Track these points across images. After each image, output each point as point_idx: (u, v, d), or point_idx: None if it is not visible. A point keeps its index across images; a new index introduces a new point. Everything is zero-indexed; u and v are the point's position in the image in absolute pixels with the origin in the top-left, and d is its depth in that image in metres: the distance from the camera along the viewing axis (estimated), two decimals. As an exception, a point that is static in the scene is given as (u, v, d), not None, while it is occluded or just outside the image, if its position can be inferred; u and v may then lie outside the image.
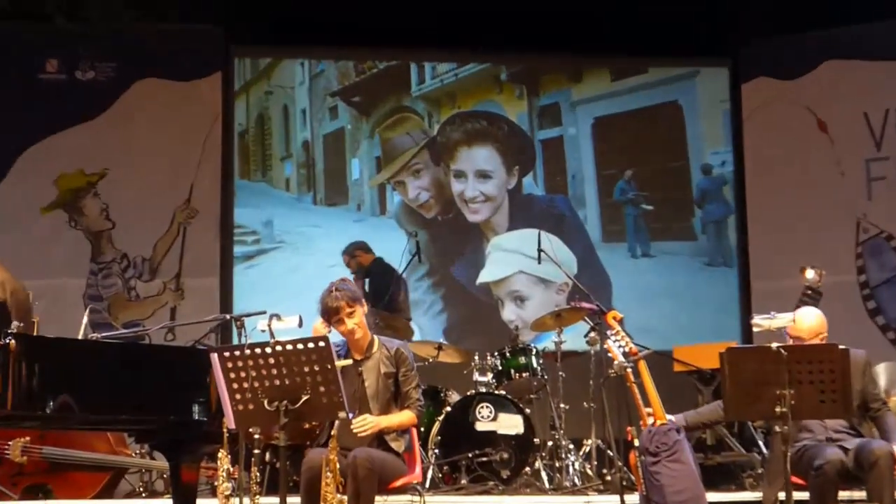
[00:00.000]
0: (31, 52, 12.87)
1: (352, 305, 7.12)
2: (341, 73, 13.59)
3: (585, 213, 13.33)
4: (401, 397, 7.24)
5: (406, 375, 7.27)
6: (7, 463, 9.06)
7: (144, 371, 7.08)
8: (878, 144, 12.82)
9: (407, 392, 7.25)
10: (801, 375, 6.75)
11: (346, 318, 7.11)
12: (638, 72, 13.63)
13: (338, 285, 7.22)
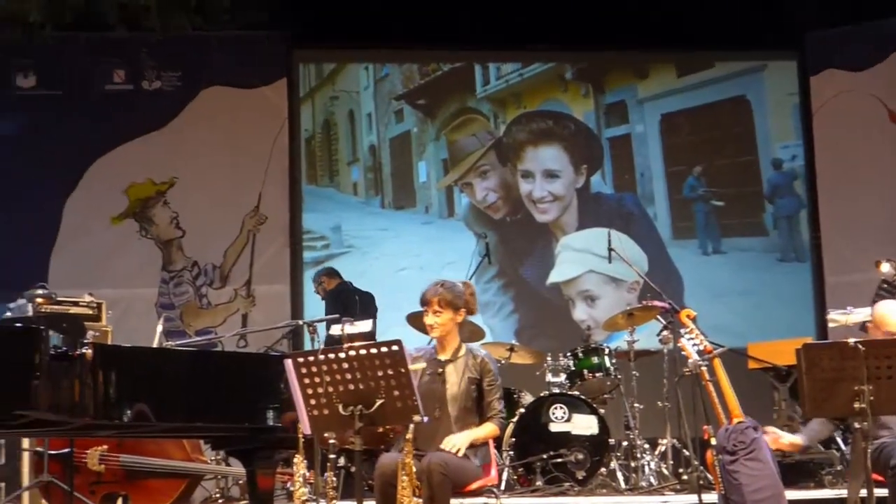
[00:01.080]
0: (97, 64, 12.98)
1: (442, 306, 7.13)
2: (406, 76, 13.61)
3: (655, 211, 13.28)
4: (484, 406, 7.20)
5: (491, 385, 7.24)
6: (85, 471, 9.11)
7: (219, 378, 7.11)
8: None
9: (490, 403, 7.21)
10: (879, 371, 6.67)
11: (431, 313, 7.14)
12: (704, 67, 13.57)
13: (448, 284, 7.27)
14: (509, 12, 12.81)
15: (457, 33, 13.25)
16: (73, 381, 6.16)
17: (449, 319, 7.16)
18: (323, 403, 6.30)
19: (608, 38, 13.32)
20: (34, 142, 12.66)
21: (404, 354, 6.20)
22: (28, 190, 12.44)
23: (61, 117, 12.68)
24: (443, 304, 7.10)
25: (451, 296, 7.14)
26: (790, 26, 13.56)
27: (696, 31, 13.14)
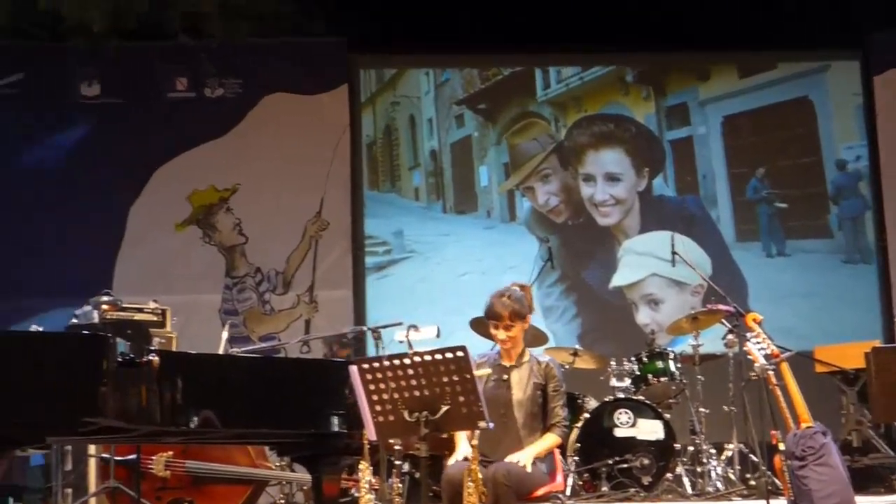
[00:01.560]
0: (160, 72, 13.05)
1: (513, 320, 7.13)
2: (466, 81, 13.61)
3: (718, 213, 13.20)
4: (548, 413, 7.21)
5: (555, 391, 7.24)
6: (151, 477, 9.16)
7: (283, 384, 7.12)
8: None
9: (554, 409, 7.22)
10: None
11: (503, 328, 7.13)
12: (767, 68, 13.48)
13: (511, 293, 7.23)
14: (569, 16, 12.80)
15: (517, 38, 13.23)
16: (140, 388, 6.19)
17: (519, 330, 7.17)
18: (388, 410, 6.30)
19: (669, 40, 13.27)
20: (98, 150, 12.75)
21: (469, 360, 6.19)
22: (92, 198, 12.53)
23: (125, 125, 12.77)
24: (513, 318, 7.11)
25: (519, 306, 7.15)
26: (853, 26, 13.47)
27: (758, 31, 13.08)
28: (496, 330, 7.16)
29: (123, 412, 6.16)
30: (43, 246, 12.18)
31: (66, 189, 12.51)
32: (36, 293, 11.16)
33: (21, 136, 12.63)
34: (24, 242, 12.16)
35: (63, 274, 11.76)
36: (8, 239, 12.00)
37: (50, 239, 12.23)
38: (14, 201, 12.36)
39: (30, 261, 11.97)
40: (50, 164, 12.60)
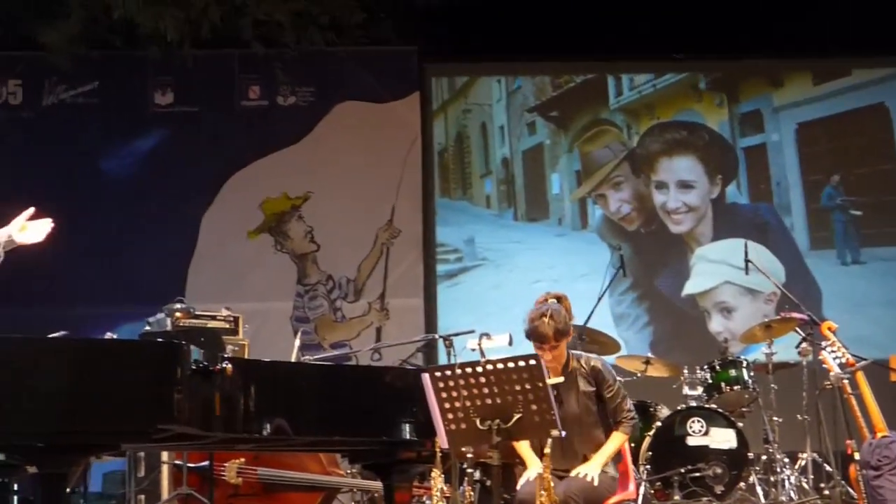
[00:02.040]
0: (233, 81, 13.14)
1: (559, 339, 7.04)
2: (538, 88, 13.61)
3: (791, 221, 13.13)
4: (612, 413, 7.14)
5: (611, 390, 7.16)
6: (223, 484, 9.21)
7: (355, 392, 7.14)
8: None
9: (617, 407, 7.14)
10: None
11: (548, 349, 7.03)
12: (841, 74, 13.40)
13: (552, 312, 7.09)
14: (642, 23, 12.78)
15: (589, 45, 13.22)
16: (214, 396, 6.22)
17: (564, 346, 7.12)
18: (460, 417, 6.31)
19: (742, 47, 13.24)
20: (171, 158, 12.85)
21: (543, 368, 6.19)
22: (165, 205, 12.63)
23: (198, 133, 12.89)
24: (559, 337, 7.04)
25: (563, 325, 7.06)
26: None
27: (832, 38, 12.99)
28: (541, 351, 6.99)
29: (197, 419, 6.20)
30: (116, 253, 12.28)
31: (140, 197, 12.62)
32: (110, 301, 11.26)
33: (96, 145, 12.75)
34: (97, 250, 12.26)
35: (137, 281, 11.85)
36: (82, 246, 12.09)
37: (123, 246, 12.34)
38: (89, 209, 12.47)
39: (103, 268, 12.07)
40: (124, 172, 12.73)
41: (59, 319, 6.93)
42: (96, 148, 12.74)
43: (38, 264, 11.12)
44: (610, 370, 7.30)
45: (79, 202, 12.42)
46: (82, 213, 12.36)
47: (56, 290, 10.66)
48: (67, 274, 11.74)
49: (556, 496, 6.63)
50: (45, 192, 12.22)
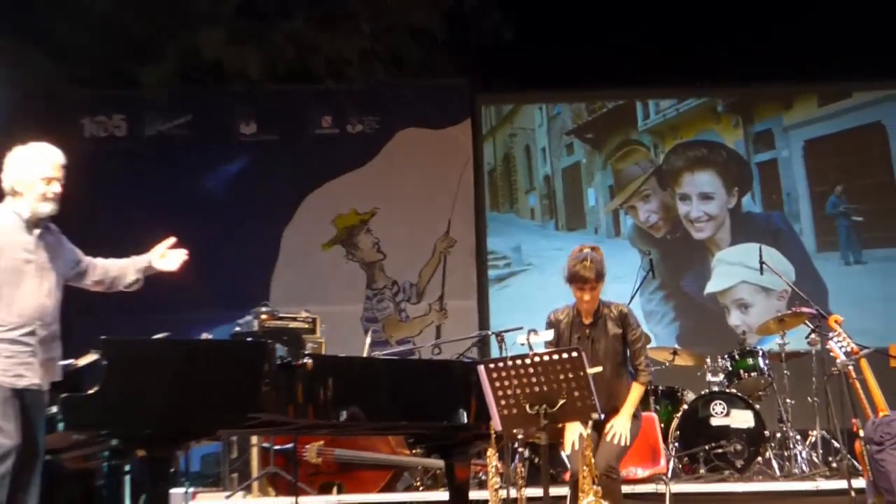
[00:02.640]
0: (308, 112, 13.22)
1: (598, 281, 7.09)
2: (575, 114, 13.63)
3: (800, 227, 13.09)
4: (632, 359, 7.19)
5: (634, 334, 7.18)
6: (305, 464, 9.27)
7: (419, 383, 7.17)
8: None
9: (637, 350, 7.17)
10: None
11: (588, 290, 7.07)
12: (843, 97, 13.35)
13: (592, 256, 7.13)
14: (665, 54, 12.78)
15: (619, 75, 13.21)
16: (297, 387, 6.27)
17: (600, 289, 7.15)
18: (512, 403, 6.33)
19: (755, 75, 13.24)
20: (255, 180, 12.95)
21: (584, 360, 6.20)
22: (251, 222, 12.71)
23: (278, 158, 12.97)
24: (598, 279, 7.08)
25: (600, 266, 7.10)
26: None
27: (834, 65, 12.94)
28: (581, 293, 7.08)
29: (282, 408, 6.25)
30: (209, 264, 12.35)
31: (229, 215, 12.71)
32: (203, 306, 11.31)
33: (190, 169, 12.84)
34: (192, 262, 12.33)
35: (227, 288, 11.92)
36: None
37: (214, 258, 12.40)
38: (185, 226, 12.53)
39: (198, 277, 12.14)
40: (214, 193, 12.81)
41: (160, 323, 6.99)
42: (190, 172, 12.85)
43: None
44: (635, 318, 7.32)
45: (176, 220, 12.43)
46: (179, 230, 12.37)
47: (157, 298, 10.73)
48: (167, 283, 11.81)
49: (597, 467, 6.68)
50: (146, 212, 12.37)
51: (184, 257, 6.53)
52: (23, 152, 5.91)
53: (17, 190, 5.80)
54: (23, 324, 5.62)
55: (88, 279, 6.14)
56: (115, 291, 6.38)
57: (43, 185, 5.79)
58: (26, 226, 5.76)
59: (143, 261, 6.40)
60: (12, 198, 5.81)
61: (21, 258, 5.68)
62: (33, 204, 5.78)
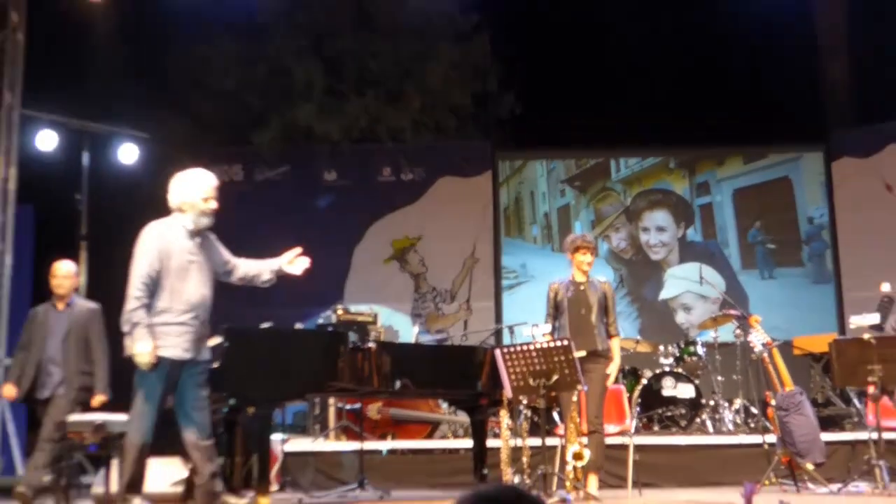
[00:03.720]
0: (373, 164, 13.30)
1: (594, 252, 7.34)
2: (567, 167, 13.60)
3: (729, 252, 13.05)
4: (609, 319, 7.23)
5: (611, 304, 7.28)
6: (368, 420, 9.31)
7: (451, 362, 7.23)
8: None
9: (613, 318, 7.25)
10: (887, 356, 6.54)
11: (590, 253, 7.25)
12: (762, 157, 13.33)
13: (587, 235, 7.59)
14: (633, 126, 12.85)
15: (599, 140, 13.39)
16: (364, 364, 6.32)
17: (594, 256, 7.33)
18: (519, 377, 6.38)
19: (697, 140, 13.32)
20: (336, 213, 13.01)
21: (572, 347, 6.24)
22: (332, 242, 12.74)
23: (351, 198, 13.03)
24: (594, 251, 7.34)
25: (594, 241, 7.51)
26: (818, 130, 13.46)
27: (756, 132, 13.01)
28: (585, 255, 7.21)
29: (352, 379, 6.31)
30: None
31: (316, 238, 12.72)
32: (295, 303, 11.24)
33: (288, 206, 12.88)
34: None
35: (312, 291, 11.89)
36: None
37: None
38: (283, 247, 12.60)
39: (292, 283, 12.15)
40: (306, 223, 12.83)
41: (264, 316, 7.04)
42: (288, 208, 12.86)
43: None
44: (613, 293, 7.48)
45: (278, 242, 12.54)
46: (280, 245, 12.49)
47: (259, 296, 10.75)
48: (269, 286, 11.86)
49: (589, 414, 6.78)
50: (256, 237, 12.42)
51: (306, 264, 6.46)
52: (187, 176, 5.98)
53: (184, 207, 5.83)
54: (188, 310, 5.65)
55: (234, 276, 6.17)
56: (252, 286, 6.39)
57: (203, 203, 5.84)
58: (189, 235, 5.80)
59: (275, 264, 6.41)
60: (179, 213, 5.84)
61: (186, 259, 5.72)
62: (195, 218, 5.83)
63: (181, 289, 5.64)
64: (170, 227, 5.79)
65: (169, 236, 5.72)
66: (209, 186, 5.94)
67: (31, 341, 7.31)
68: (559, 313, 7.22)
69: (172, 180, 6.00)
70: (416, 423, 9.71)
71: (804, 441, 7.19)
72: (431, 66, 13.76)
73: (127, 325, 5.52)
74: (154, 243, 5.66)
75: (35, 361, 7.25)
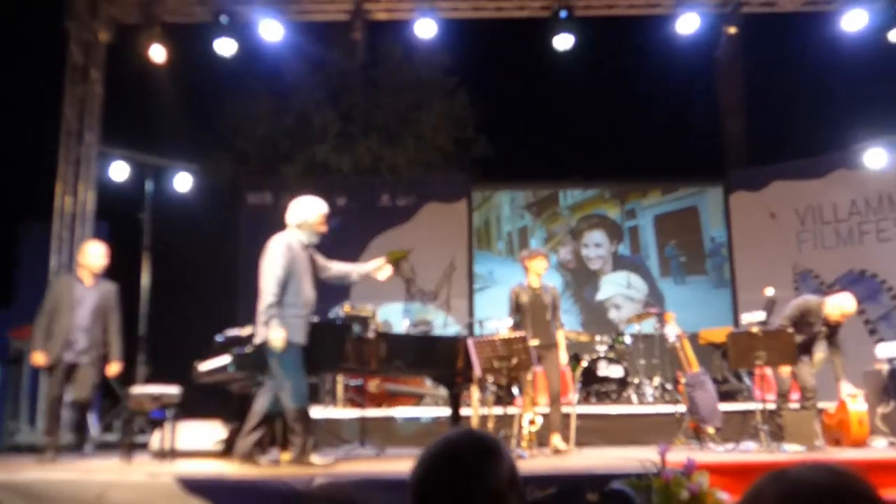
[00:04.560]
0: (375, 192, 13.27)
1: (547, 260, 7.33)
2: (525, 197, 13.59)
3: (651, 263, 13.07)
4: (556, 316, 7.21)
5: (558, 304, 7.27)
6: (368, 393, 9.28)
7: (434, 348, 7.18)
8: (801, 222, 12.40)
9: (558, 314, 7.24)
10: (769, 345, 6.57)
11: (546, 260, 7.27)
12: (675, 190, 13.36)
13: (541, 249, 7.62)
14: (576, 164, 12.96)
15: (550, 175, 13.47)
16: (365, 349, 6.29)
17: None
18: (486, 360, 6.35)
19: (627, 176, 13.43)
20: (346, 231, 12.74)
21: (527, 339, 6.23)
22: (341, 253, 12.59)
23: (357, 220, 12.92)
24: (547, 257, 7.33)
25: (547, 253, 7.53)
26: (719, 170, 13.60)
27: (673, 170, 13.18)
28: (543, 262, 7.19)
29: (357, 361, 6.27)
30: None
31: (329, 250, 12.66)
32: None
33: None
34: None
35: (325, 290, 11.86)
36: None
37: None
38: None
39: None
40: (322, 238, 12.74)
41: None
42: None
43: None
44: (559, 295, 7.43)
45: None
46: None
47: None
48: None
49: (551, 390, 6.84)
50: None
51: (389, 273, 6.61)
52: (308, 200, 6.14)
53: (302, 226, 5.95)
54: (305, 305, 5.81)
55: (326, 275, 6.26)
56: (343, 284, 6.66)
57: (318, 226, 6.03)
58: (303, 247, 5.92)
59: (364, 269, 6.55)
60: (297, 229, 5.94)
61: (303, 266, 5.86)
62: (310, 235, 5.99)
63: (301, 289, 5.78)
64: (291, 239, 5.90)
65: (293, 247, 5.85)
66: (323, 213, 6.11)
67: (59, 309, 6.69)
68: (521, 312, 7.17)
69: (294, 202, 6.11)
70: (406, 395, 9.69)
71: (706, 410, 7.22)
72: (423, 116, 13.86)
73: (264, 316, 5.63)
74: (284, 253, 5.77)
75: (63, 328, 6.64)
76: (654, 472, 4.42)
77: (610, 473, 4.57)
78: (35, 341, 6.69)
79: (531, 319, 7.02)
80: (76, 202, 9.79)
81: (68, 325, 6.68)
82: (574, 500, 4.48)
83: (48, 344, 6.64)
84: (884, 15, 9.57)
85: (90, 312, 6.79)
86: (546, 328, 7.04)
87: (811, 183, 12.37)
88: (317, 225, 5.99)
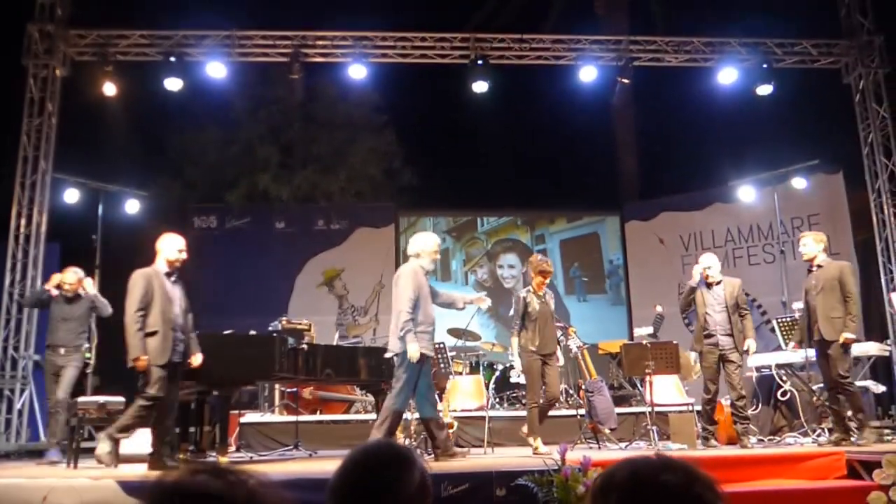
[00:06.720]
0: (312, 217, 13.10)
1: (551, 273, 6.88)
2: (447, 222, 13.63)
3: (558, 282, 13.19)
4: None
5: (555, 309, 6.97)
6: (302, 399, 9.14)
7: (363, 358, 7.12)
8: (686, 247, 12.70)
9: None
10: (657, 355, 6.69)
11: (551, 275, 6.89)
12: (579, 219, 13.56)
13: (547, 259, 6.90)
14: (492, 195, 13.03)
15: (469, 204, 13.50)
16: (297, 359, 6.20)
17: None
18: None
19: (536, 205, 13.55)
20: (286, 252, 12.66)
21: (446, 348, 6.18)
22: (282, 272, 12.52)
23: (295, 242, 12.78)
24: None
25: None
26: (615, 201, 13.80)
27: (575, 202, 13.35)
28: (546, 277, 6.70)
29: (290, 370, 6.18)
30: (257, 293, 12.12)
31: (269, 269, 12.50)
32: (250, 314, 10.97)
33: (249, 247, 12.61)
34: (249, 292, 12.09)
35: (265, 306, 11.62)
36: (242, 290, 11.98)
37: (260, 290, 12.19)
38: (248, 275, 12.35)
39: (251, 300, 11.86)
40: (262, 258, 12.57)
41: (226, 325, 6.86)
42: (250, 247, 12.61)
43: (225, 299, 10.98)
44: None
45: (242, 270, 12.32)
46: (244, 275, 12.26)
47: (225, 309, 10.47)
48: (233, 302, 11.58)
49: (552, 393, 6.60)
50: (224, 267, 12.19)
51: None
52: (424, 234, 6.39)
53: (422, 255, 6.17)
54: (431, 323, 6.10)
55: (438, 302, 6.31)
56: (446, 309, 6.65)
57: (433, 253, 6.23)
58: (425, 273, 6.13)
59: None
60: (416, 258, 6.17)
61: (426, 289, 6.07)
62: (428, 263, 6.19)
63: (426, 309, 6.00)
64: (416, 267, 6.10)
65: (419, 274, 6.05)
66: (438, 244, 6.31)
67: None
68: (529, 318, 6.72)
69: (413, 237, 6.32)
70: (337, 401, 9.58)
71: (603, 413, 7.32)
72: (355, 150, 13.85)
73: (402, 332, 5.87)
74: (414, 279, 5.98)
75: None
76: (555, 469, 4.46)
77: (517, 470, 4.60)
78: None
79: (539, 327, 6.59)
80: (31, 224, 9.46)
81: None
82: (484, 494, 4.49)
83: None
84: (752, 73, 10.12)
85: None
86: (552, 335, 6.74)
87: (693, 214, 12.71)
88: (432, 253, 6.22)
